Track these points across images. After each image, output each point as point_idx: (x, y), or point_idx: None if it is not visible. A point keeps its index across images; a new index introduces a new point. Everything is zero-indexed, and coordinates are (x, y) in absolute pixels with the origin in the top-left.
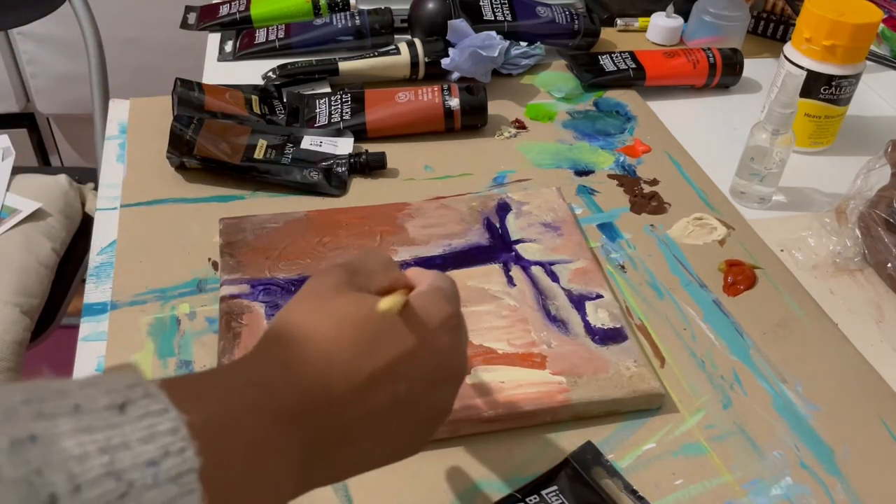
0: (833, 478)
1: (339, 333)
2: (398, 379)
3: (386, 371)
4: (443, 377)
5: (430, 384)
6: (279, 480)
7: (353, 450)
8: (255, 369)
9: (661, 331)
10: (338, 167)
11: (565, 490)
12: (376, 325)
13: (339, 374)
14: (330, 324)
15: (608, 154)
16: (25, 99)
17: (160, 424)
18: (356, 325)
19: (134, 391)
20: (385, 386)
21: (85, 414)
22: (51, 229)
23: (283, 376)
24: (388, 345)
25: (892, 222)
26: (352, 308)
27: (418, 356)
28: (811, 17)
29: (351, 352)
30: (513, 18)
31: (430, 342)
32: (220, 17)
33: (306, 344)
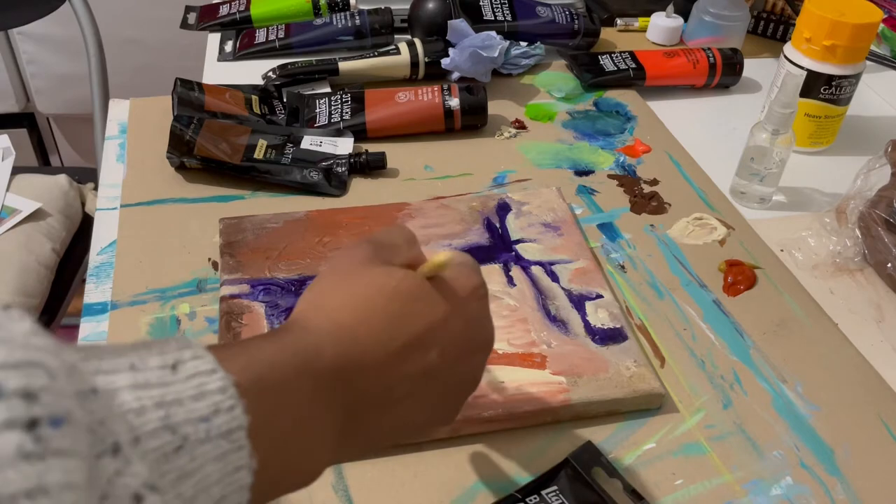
0: (833, 478)
1: (372, 303)
2: (430, 346)
3: (419, 339)
4: (473, 346)
5: (460, 352)
6: (320, 443)
7: (389, 417)
8: (294, 335)
9: (661, 331)
10: (338, 167)
11: (565, 490)
12: (408, 295)
13: (374, 342)
14: (363, 295)
15: (608, 154)
16: (25, 99)
17: (210, 384)
18: (388, 295)
19: (183, 353)
20: (418, 353)
21: (140, 371)
22: (51, 229)
23: (322, 343)
24: (421, 313)
25: (892, 222)
26: (382, 279)
27: (449, 325)
28: (811, 17)
29: (385, 321)
30: (513, 18)
31: (460, 311)
32: (220, 17)
33: (341, 313)
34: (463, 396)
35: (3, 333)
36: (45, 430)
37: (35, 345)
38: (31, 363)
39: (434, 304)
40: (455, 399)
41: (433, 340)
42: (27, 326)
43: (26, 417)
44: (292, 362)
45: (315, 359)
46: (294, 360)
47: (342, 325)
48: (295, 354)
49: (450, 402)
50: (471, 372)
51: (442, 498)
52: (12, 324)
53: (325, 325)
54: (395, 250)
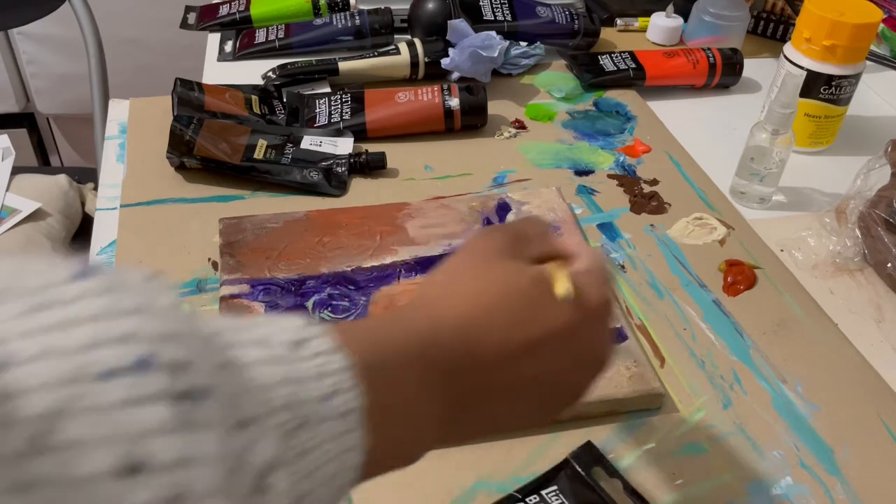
0: (833, 478)
1: (497, 301)
2: (545, 355)
3: (536, 345)
4: (587, 361)
5: (572, 366)
6: (423, 429)
7: (488, 414)
8: (416, 320)
9: (661, 331)
10: (338, 167)
11: (565, 490)
12: (535, 299)
13: (493, 341)
14: (489, 290)
15: (608, 154)
16: (25, 99)
17: (331, 364)
18: (515, 295)
19: (307, 331)
20: (532, 359)
21: (267, 348)
22: (51, 229)
23: (442, 333)
24: (544, 320)
25: (892, 222)
26: (512, 277)
27: (570, 336)
28: (811, 17)
29: (506, 321)
30: (513, 18)
31: (584, 324)
32: (219, 17)
33: (466, 305)
34: (563, 407)
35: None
36: (192, 402)
37: (180, 317)
38: (180, 335)
39: (558, 315)
40: (554, 408)
41: (549, 350)
42: (171, 297)
43: (176, 390)
44: (410, 348)
45: (432, 347)
46: (412, 346)
47: (465, 317)
48: (413, 341)
49: (548, 409)
50: (578, 386)
51: (442, 498)
52: (159, 295)
53: (447, 314)
54: (528, 243)
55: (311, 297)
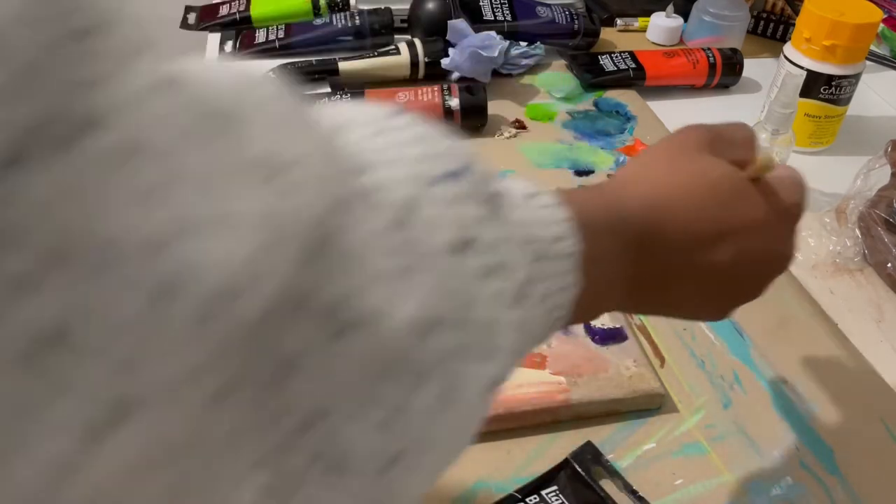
0: (833, 478)
1: (691, 186)
2: (731, 246)
3: (723, 235)
4: (771, 259)
5: (756, 262)
6: (613, 290)
7: (664, 295)
8: (613, 195)
9: (661, 331)
10: None
11: (565, 490)
12: (729, 190)
13: (681, 223)
14: (686, 174)
15: (608, 154)
16: None
17: (557, 214)
18: (710, 183)
19: (534, 188)
20: (718, 248)
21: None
22: None
23: (633, 210)
24: (735, 210)
25: (892, 222)
26: (708, 166)
27: (759, 231)
28: (811, 17)
29: (698, 206)
30: (513, 18)
31: (774, 221)
32: (220, 17)
33: (659, 187)
34: (741, 302)
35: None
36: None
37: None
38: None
39: (751, 207)
40: (732, 302)
41: (736, 241)
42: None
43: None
44: (607, 219)
45: (623, 222)
46: (608, 217)
47: (657, 196)
48: (609, 213)
49: (726, 302)
50: (758, 281)
51: (442, 498)
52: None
53: (641, 192)
54: (731, 145)
55: None
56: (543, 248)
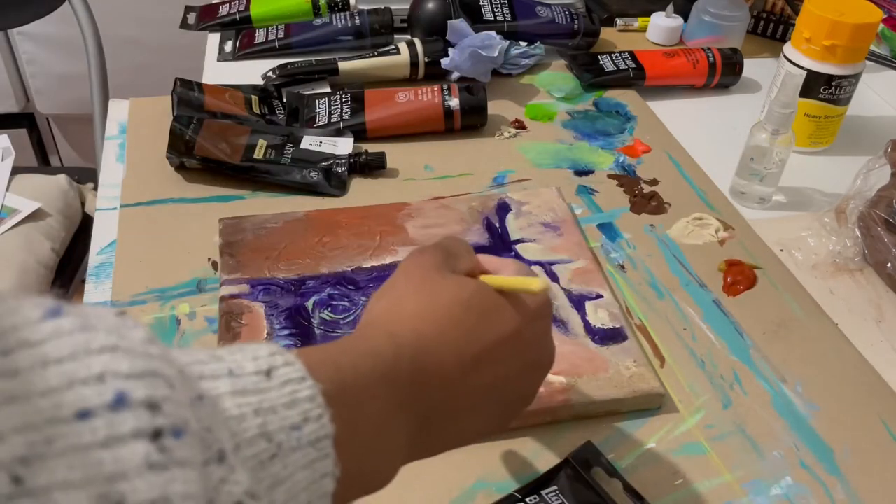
0: (833, 478)
1: (449, 314)
2: (499, 360)
3: (490, 352)
4: (536, 362)
5: (524, 368)
6: (395, 448)
7: (453, 426)
8: (376, 341)
9: (661, 331)
10: (337, 167)
11: (565, 490)
12: (482, 308)
13: (450, 353)
14: (440, 305)
15: (608, 154)
16: (25, 99)
17: (300, 392)
18: (464, 306)
19: (275, 359)
20: (488, 366)
21: (238, 378)
22: (50, 229)
23: (402, 351)
24: (493, 327)
25: (891, 222)
26: (456, 290)
27: (518, 340)
28: (811, 17)
29: (460, 333)
30: (512, 18)
31: (528, 327)
32: (219, 17)
33: (420, 323)
34: (519, 410)
35: (125, 343)
36: (169, 440)
37: (153, 353)
38: (153, 373)
39: (506, 319)
40: (511, 411)
41: (502, 354)
42: (143, 333)
43: (152, 427)
44: (375, 370)
45: (395, 367)
46: (376, 368)
47: (421, 334)
48: (376, 363)
49: (507, 413)
50: (530, 387)
51: (442, 498)
52: (130, 331)
53: (404, 334)
54: (458, 259)
55: (311, 298)
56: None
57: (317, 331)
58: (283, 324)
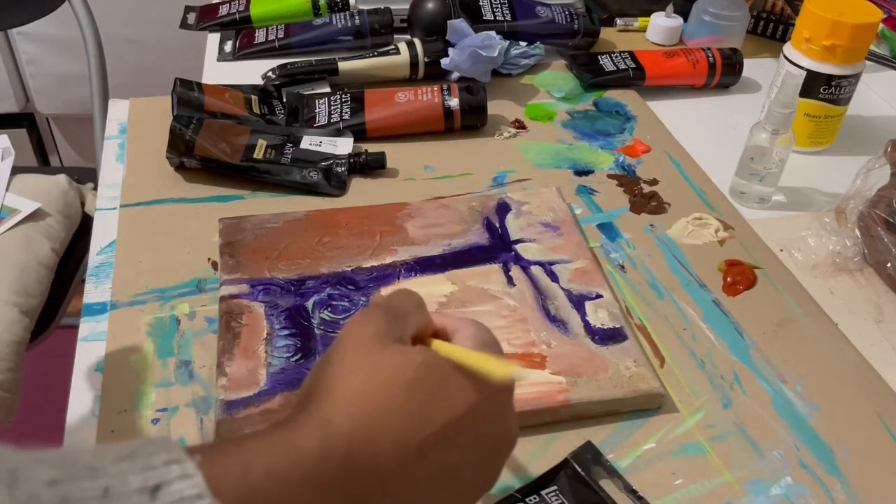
0: (833, 478)
1: (389, 396)
2: (451, 446)
3: (438, 438)
4: (496, 446)
5: (481, 453)
6: None
7: None
8: (301, 433)
9: (661, 331)
10: (337, 167)
11: (565, 490)
12: (429, 386)
13: (390, 442)
14: (378, 385)
15: (608, 154)
16: (25, 99)
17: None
18: (406, 387)
19: (170, 470)
20: (436, 454)
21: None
22: (50, 229)
23: (331, 443)
24: (443, 407)
25: (891, 222)
26: (400, 367)
27: (474, 419)
28: (811, 16)
29: (403, 416)
30: (512, 18)
31: (486, 406)
32: (219, 17)
33: (354, 407)
34: (476, 498)
35: None
36: None
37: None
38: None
39: (459, 398)
40: (468, 501)
41: (454, 439)
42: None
43: None
44: (294, 469)
45: (321, 462)
46: (297, 466)
47: (355, 420)
48: (299, 460)
49: (461, 502)
50: (489, 473)
51: None
52: None
53: (337, 421)
54: (406, 319)
55: (311, 298)
56: None
57: (317, 331)
58: (283, 324)
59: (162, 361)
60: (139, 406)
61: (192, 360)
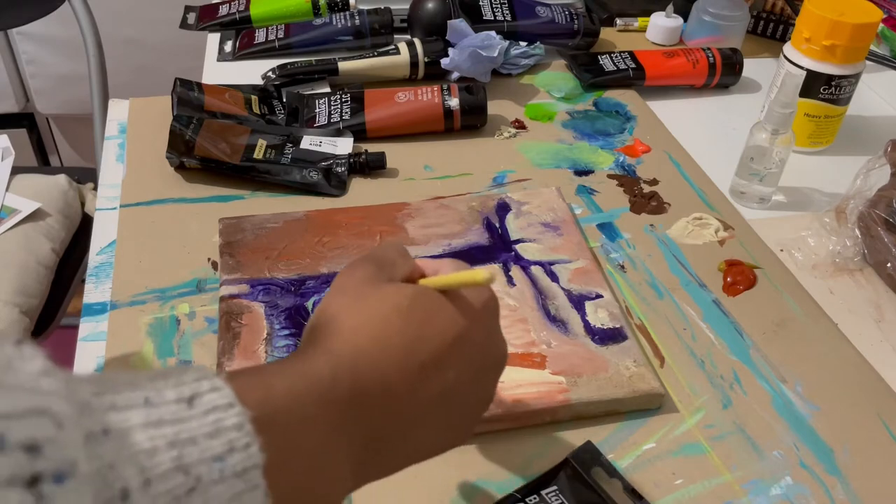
0: (833, 478)
1: (388, 324)
2: (448, 366)
3: (437, 358)
4: (488, 362)
5: (477, 370)
6: (339, 475)
7: (405, 442)
8: (311, 362)
9: (661, 331)
10: (337, 167)
11: (565, 490)
12: (424, 312)
13: (393, 365)
14: (376, 316)
15: (608, 154)
16: (25, 99)
17: (226, 419)
18: (402, 315)
19: (201, 385)
20: (437, 373)
21: (154, 407)
22: (50, 229)
23: (340, 369)
24: (438, 331)
25: (891, 222)
26: (395, 297)
27: (466, 341)
28: (811, 16)
29: (402, 342)
30: (512, 18)
31: (475, 326)
32: (219, 17)
33: (358, 336)
34: (477, 415)
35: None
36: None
37: (44, 388)
38: (38, 411)
39: (451, 321)
40: (470, 418)
41: (451, 359)
42: (39, 365)
43: (29, 473)
44: (310, 392)
45: (333, 387)
46: (312, 389)
47: (360, 348)
48: (313, 383)
49: (465, 421)
50: (484, 390)
51: (442, 498)
52: (24, 363)
53: (342, 350)
54: (393, 266)
55: (311, 297)
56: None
57: None
58: (283, 324)
59: (162, 361)
60: None
61: (192, 361)
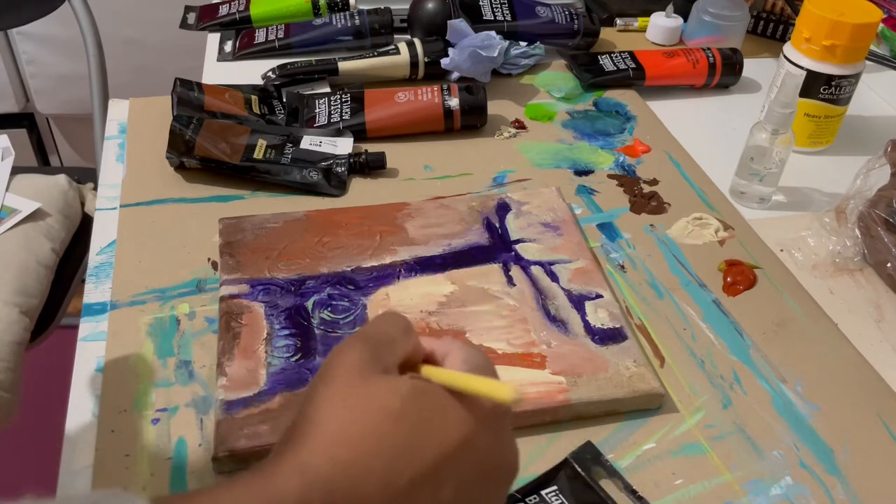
0: (833, 478)
1: (375, 432)
2: (444, 481)
3: (431, 471)
4: (495, 476)
5: (480, 485)
6: None
7: None
8: (279, 480)
9: (661, 331)
10: (337, 167)
11: (565, 490)
12: (419, 416)
13: (374, 482)
14: (361, 420)
15: (608, 154)
16: (25, 99)
17: None
18: (393, 419)
19: None
20: (430, 491)
21: None
22: (50, 229)
23: (311, 491)
24: (434, 438)
25: (891, 222)
26: (384, 398)
27: (467, 451)
28: (811, 16)
29: (390, 453)
30: (512, 18)
31: (482, 431)
32: (219, 17)
33: (338, 447)
34: None
35: None
36: None
37: None
38: None
39: (453, 425)
40: None
41: (448, 472)
42: None
43: None
44: None
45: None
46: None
47: (339, 462)
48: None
49: None
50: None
51: None
52: None
53: (318, 464)
54: (392, 346)
55: (311, 297)
56: None
57: (316, 331)
58: (283, 324)
59: (162, 361)
60: (139, 406)
61: (192, 360)
